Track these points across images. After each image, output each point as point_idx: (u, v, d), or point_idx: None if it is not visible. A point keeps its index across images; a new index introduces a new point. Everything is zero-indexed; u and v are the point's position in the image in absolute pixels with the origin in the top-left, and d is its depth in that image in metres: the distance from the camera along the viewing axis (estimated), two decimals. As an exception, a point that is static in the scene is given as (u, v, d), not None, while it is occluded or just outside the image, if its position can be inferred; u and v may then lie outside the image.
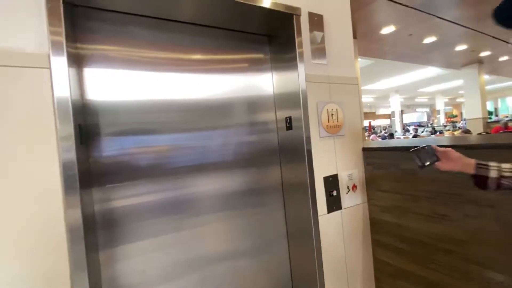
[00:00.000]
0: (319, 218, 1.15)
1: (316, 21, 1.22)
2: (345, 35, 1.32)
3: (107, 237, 0.91)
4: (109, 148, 0.92)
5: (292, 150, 1.21)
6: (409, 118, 15.30)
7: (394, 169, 1.21)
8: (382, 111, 17.61)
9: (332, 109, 1.22)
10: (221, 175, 1.14)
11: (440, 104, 15.22)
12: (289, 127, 1.20)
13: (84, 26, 0.90)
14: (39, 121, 0.70)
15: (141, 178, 0.98)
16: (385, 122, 16.46)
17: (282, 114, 1.24)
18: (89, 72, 0.90)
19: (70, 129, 0.72)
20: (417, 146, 0.88)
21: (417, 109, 17.37)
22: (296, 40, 1.13)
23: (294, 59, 1.14)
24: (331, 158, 1.22)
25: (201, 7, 1.01)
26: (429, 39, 5.08)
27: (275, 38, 1.26)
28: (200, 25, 1.12)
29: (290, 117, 1.19)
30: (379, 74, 9.03)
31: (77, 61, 0.88)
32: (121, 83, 0.95)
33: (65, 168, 0.71)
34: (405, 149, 1.15)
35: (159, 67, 1.03)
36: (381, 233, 1.29)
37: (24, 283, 0.67)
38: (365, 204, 1.33)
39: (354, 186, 1.28)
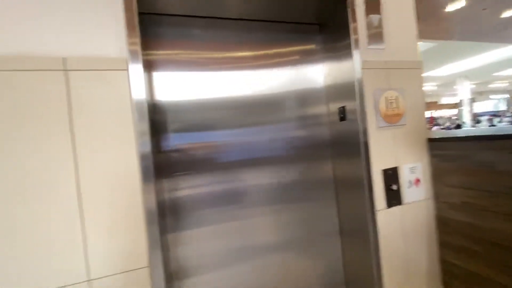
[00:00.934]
0: (377, 213, 1.09)
1: (373, 3, 1.14)
2: (406, 15, 1.21)
3: (174, 222, 1.01)
4: (174, 142, 1.02)
5: (345, 143, 1.16)
6: (482, 107, 13.26)
7: (466, 161, 1.08)
8: (445, 100, 15.63)
9: (391, 97, 1.13)
10: (272, 169, 1.17)
11: (524, 89, 12.83)
12: (342, 117, 1.16)
13: (151, 31, 1.01)
14: (121, 116, 0.81)
15: (200, 170, 1.06)
16: (450, 112, 14.59)
17: (335, 106, 1.20)
18: (157, 75, 1.01)
19: (145, 125, 0.81)
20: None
21: (491, 96, 14.96)
22: (351, 25, 1.08)
23: (348, 46, 1.09)
24: (390, 150, 1.14)
25: (250, 1, 1.03)
26: (508, 13, 4.31)
27: (326, 26, 1.22)
28: (250, 20, 1.15)
29: (343, 107, 1.15)
30: (442, 59, 8.01)
31: (147, 65, 0.99)
32: (181, 84, 1.05)
33: (142, 158, 0.80)
34: (480, 138, 1.02)
35: (213, 66, 1.10)
36: (450, 232, 1.17)
37: (113, 254, 0.79)
38: (430, 200, 1.21)
39: (417, 180, 1.18)
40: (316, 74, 1.25)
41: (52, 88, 0.75)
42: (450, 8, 3.89)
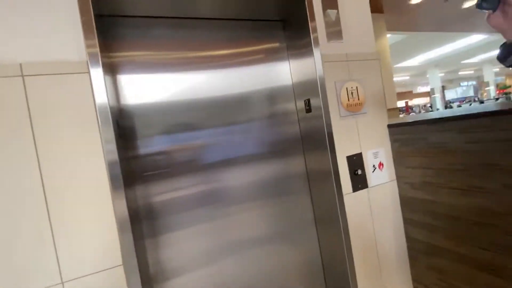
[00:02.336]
0: (344, 196, 1.15)
1: (329, -1, 1.20)
2: (362, 8, 1.28)
3: (151, 225, 1.02)
4: (143, 146, 1.02)
5: (313, 135, 1.22)
6: (453, 94, 13.96)
7: (422, 143, 1.16)
8: (420, 89, 16.32)
9: (351, 87, 1.20)
10: (248, 167, 1.20)
11: (489, 75, 13.64)
12: (308, 109, 1.21)
13: (114, 34, 1.01)
14: (85, 122, 0.81)
15: (174, 173, 1.07)
16: (424, 100, 15.25)
17: (302, 100, 1.25)
18: (122, 78, 1.01)
19: (110, 131, 0.81)
20: None
21: (462, 83, 15.77)
22: (310, 22, 1.13)
23: (309, 41, 1.14)
24: (353, 137, 1.21)
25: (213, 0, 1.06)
26: (469, 3, 4.57)
27: (288, 23, 1.27)
28: (214, 19, 1.17)
29: (308, 100, 1.20)
30: (413, 50, 8.37)
31: (112, 68, 0.99)
32: (147, 86, 1.04)
33: (110, 166, 0.81)
34: (433, 121, 1.10)
35: (181, 67, 1.10)
36: (413, 210, 1.26)
37: (85, 262, 0.80)
38: (394, 182, 1.29)
39: (381, 164, 1.26)
40: (284, 71, 1.29)
41: (10, 95, 0.74)
42: (413, 0, 4.08)
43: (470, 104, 9.70)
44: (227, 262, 1.13)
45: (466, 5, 4.66)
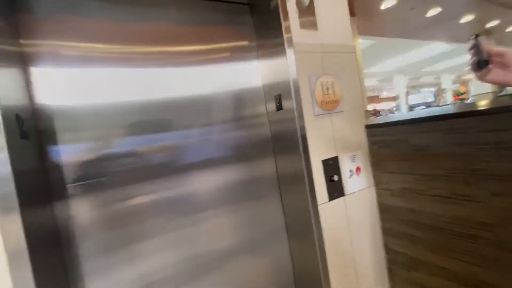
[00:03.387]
0: (319, 207, 1.00)
1: (302, -20, 1.05)
2: (338, -4, 1.15)
3: (77, 250, 0.79)
4: (69, 154, 0.79)
5: (284, 134, 1.06)
6: (415, 99, 14.87)
7: (403, 146, 1.05)
8: (386, 94, 17.18)
9: (327, 82, 1.06)
10: (213, 172, 1.00)
11: (447, 83, 14.72)
12: (279, 106, 1.05)
13: (26, 9, 0.76)
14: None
15: (115, 183, 0.84)
16: (390, 105, 16.06)
17: (272, 95, 1.09)
18: (38, 71, 0.76)
19: (1, 138, 0.58)
20: None
21: (422, 90, 16.89)
22: (280, 6, 0.97)
23: (278, 27, 0.98)
24: (329, 139, 1.07)
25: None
26: (432, 11, 4.79)
27: (256, 7, 1.10)
28: None
29: (279, 95, 1.04)
30: (381, 55, 8.72)
31: (22, 58, 0.74)
32: (75, 82, 0.80)
33: None
34: (415, 121, 1.00)
35: (120, 59, 0.87)
36: (392, 220, 1.15)
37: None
38: (372, 188, 1.18)
39: (358, 169, 1.13)
40: (251, 64, 1.11)
41: None
42: (384, 5, 4.16)
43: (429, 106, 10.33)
44: (188, 280, 0.93)
45: (429, 14, 4.88)
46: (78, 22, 0.82)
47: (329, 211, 1.04)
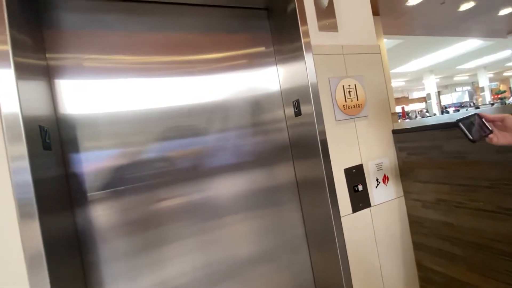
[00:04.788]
0: (343, 219, 0.94)
1: (321, -20, 1.00)
2: (360, -6, 1.08)
3: (95, 256, 0.79)
4: (89, 161, 0.80)
5: (303, 142, 1.01)
6: (448, 99, 13.96)
7: (436, 153, 0.96)
8: (416, 94, 16.33)
9: (349, 85, 0.99)
10: (230, 179, 0.98)
11: (484, 81, 13.66)
12: (297, 112, 1.00)
13: (51, 23, 0.79)
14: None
15: (136, 189, 0.85)
16: (420, 106, 15.24)
17: (290, 102, 1.04)
18: (64, 83, 0.79)
19: (21, 147, 0.59)
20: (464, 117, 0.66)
21: (457, 89, 15.82)
22: (297, 8, 0.93)
23: (296, 31, 0.94)
24: (352, 145, 1.00)
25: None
26: (466, 5, 4.47)
27: (274, 12, 1.07)
28: (190, 5, 0.96)
29: (297, 100, 0.99)
30: (409, 54, 8.30)
31: (48, 70, 0.77)
32: (98, 93, 0.83)
33: (18, 189, 0.59)
34: (448, 126, 0.90)
35: (142, 70, 0.89)
36: (425, 234, 1.04)
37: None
38: (401, 199, 1.08)
39: (385, 178, 1.04)
40: (269, 69, 1.08)
41: None
42: (410, 1, 3.95)
43: (467, 109, 9.62)
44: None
45: (463, 8, 4.55)
46: (99, 35, 0.84)
47: (353, 223, 0.97)
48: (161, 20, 0.93)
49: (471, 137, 0.62)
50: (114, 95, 0.84)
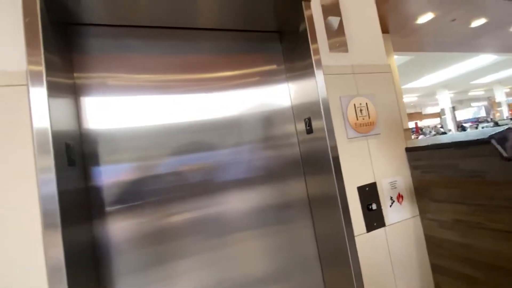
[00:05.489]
0: (356, 238, 0.92)
1: (331, 4, 1.05)
2: (369, 15, 1.12)
3: (108, 268, 0.81)
4: (110, 175, 0.84)
5: (315, 158, 1.02)
6: (463, 114, 13.63)
7: (451, 171, 0.94)
8: (429, 109, 16.05)
9: (360, 104, 1.01)
10: (242, 194, 1.00)
11: (501, 95, 13.32)
12: (309, 130, 1.02)
13: (79, 46, 0.86)
14: (17, 149, 0.64)
15: (151, 203, 0.88)
16: (434, 121, 14.92)
17: (301, 118, 1.07)
18: (87, 100, 0.85)
19: (49, 160, 0.64)
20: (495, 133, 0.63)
21: (473, 104, 15.46)
22: (308, 31, 0.97)
23: (307, 49, 0.98)
24: (365, 163, 1.00)
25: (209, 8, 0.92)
26: (477, 22, 4.46)
27: (286, 34, 1.12)
28: (205, 29, 1.03)
29: (309, 118, 1.01)
30: (421, 70, 8.26)
31: (73, 88, 0.83)
32: (119, 109, 0.88)
33: (44, 201, 0.63)
34: (464, 144, 0.89)
35: (160, 88, 0.94)
36: (443, 255, 1.00)
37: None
38: (417, 218, 1.06)
39: (400, 196, 1.03)
40: (281, 88, 1.12)
41: None
42: (420, 20, 4.00)
43: (483, 128, 9.32)
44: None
45: (474, 24, 4.55)
46: (121, 57, 0.91)
47: (367, 243, 0.95)
48: (178, 44, 0.99)
49: (506, 155, 0.58)
50: (132, 111, 0.89)
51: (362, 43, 1.08)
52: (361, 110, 1.00)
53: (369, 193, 0.98)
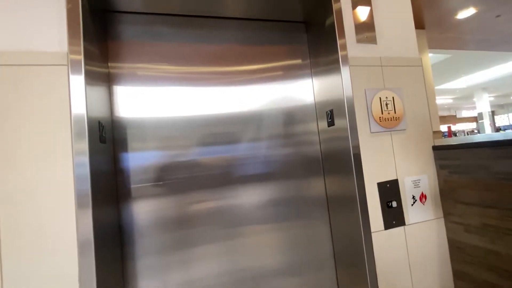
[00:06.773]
0: (373, 235, 0.90)
1: (361, -7, 1.01)
2: (401, 4, 1.07)
3: (133, 249, 0.87)
4: (136, 160, 0.89)
5: (336, 156, 1.00)
6: (504, 120, 12.61)
7: (482, 173, 0.88)
8: (465, 113, 15.02)
9: (386, 97, 0.97)
10: (259, 188, 1.01)
11: (550, 101, 12.12)
12: (330, 122, 1.00)
13: (116, 34, 0.91)
14: (58, 132, 0.70)
15: (174, 189, 0.92)
16: (469, 126, 13.96)
17: (323, 113, 1.05)
18: (120, 89, 0.90)
19: (84, 144, 0.68)
20: None
21: (515, 109, 14.21)
22: (336, 22, 0.95)
23: (333, 44, 0.95)
24: (387, 159, 0.97)
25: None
26: (527, 19, 4.07)
27: (313, 24, 1.10)
28: (232, 18, 1.04)
29: (331, 110, 0.99)
30: (458, 70, 7.72)
31: (108, 77, 0.89)
32: (147, 99, 0.93)
33: (78, 181, 0.68)
34: (498, 144, 0.83)
35: (189, 80, 0.97)
36: (467, 261, 0.95)
37: (41, 278, 0.65)
38: (441, 220, 1.01)
39: (423, 196, 0.98)
40: (305, 80, 1.11)
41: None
42: (460, 15, 3.72)
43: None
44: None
45: (523, 21, 4.15)
46: (153, 46, 0.95)
47: (384, 241, 0.92)
48: (206, 33, 1.01)
49: None
50: (159, 101, 0.93)
51: (392, 35, 1.03)
52: (386, 104, 0.97)
53: (389, 190, 0.94)
